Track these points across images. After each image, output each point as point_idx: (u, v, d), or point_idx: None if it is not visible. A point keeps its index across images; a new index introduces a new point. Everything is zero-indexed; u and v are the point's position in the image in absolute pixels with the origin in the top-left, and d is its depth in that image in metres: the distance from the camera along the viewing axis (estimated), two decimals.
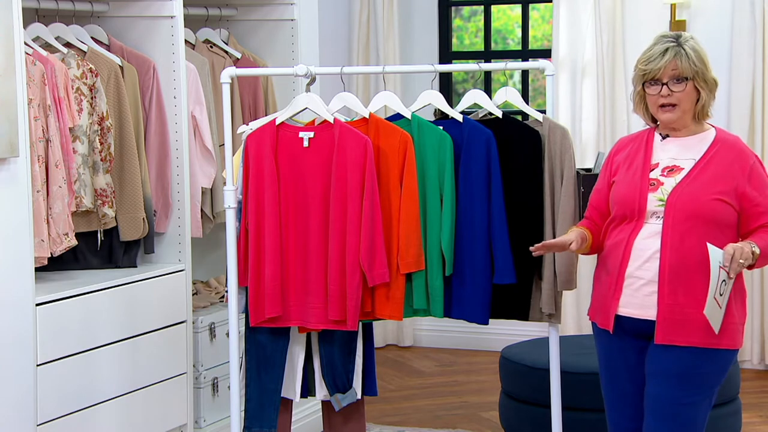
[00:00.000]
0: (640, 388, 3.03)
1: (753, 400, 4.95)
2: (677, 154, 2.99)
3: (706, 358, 2.92)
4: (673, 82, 2.93)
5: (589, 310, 3.14)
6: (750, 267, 2.91)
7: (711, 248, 2.85)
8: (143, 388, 3.82)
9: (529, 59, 5.67)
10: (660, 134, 3.04)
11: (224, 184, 3.55)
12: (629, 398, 3.05)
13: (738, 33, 5.41)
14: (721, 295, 2.86)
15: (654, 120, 3.04)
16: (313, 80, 3.51)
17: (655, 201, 2.94)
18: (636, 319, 2.97)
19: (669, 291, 2.90)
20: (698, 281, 2.88)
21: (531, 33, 6.06)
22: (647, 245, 2.94)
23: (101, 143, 3.76)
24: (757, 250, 2.88)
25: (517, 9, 6.09)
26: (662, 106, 2.95)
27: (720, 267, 2.84)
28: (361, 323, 3.53)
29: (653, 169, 2.98)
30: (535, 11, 6.15)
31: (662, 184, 2.95)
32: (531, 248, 3.06)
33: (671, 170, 2.97)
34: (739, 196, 2.92)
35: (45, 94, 3.56)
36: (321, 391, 3.60)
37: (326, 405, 3.68)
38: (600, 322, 3.05)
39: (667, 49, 2.93)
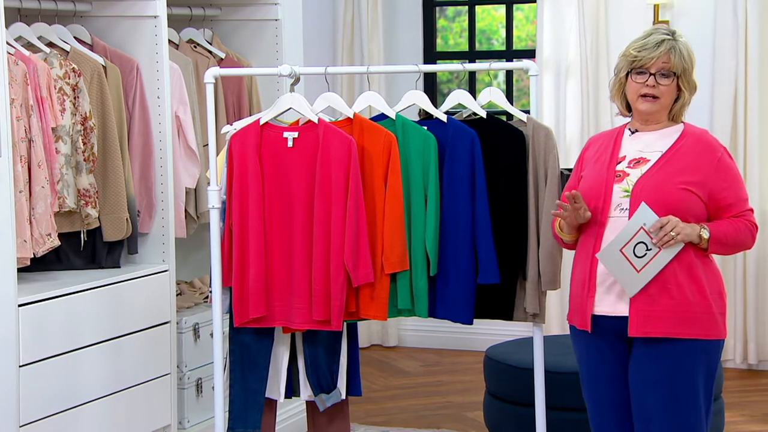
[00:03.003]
0: (622, 391, 3.01)
1: (736, 399, 4.97)
2: (644, 147, 2.99)
3: (688, 353, 2.90)
4: (661, 75, 2.93)
5: (568, 314, 3.12)
6: (706, 251, 2.91)
7: (643, 206, 2.85)
8: (127, 389, 3.81)
9: (513, 59, 5.68)
10: (629, 129, 3.04)
11: (208, 184, 3.54)
12: (614, 401, 3.02)
13: (721, 33, 5.43)
14: (637, 256, 2.85)
15: (629, 109, 3.04)
16: (297, 80, 3.51)
17: (620, 192, 2.94)
18: (611, 317, 2.95)
19: None
20: (669, 270, 2.88)
21: (515, 33, 6.07)
22: None
23: (84, 143, 3.75)
24: (706, 234, 2.89)
25: (502, 9, 6.11)
26: (644, 95, 2.95)
27: (642, 227, 2.84)
28: (345, 323, 3.53)
29: (620, 162, 2.99)
30: (519, 12, 6.16)
31: (628, 175, 2.95)
32: (558, 202, 2.98)
33: (638, 162, 2.97)
34: (707, 188, 2.92)
35: (27, 94, 3.54)
36: (305, 391, 3.59)
37: (311, 405, 3.68)
38: (578, 324, 3.03)
39: (662, 41, 2.94)
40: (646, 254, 2.86)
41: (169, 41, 4.10)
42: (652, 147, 2.98)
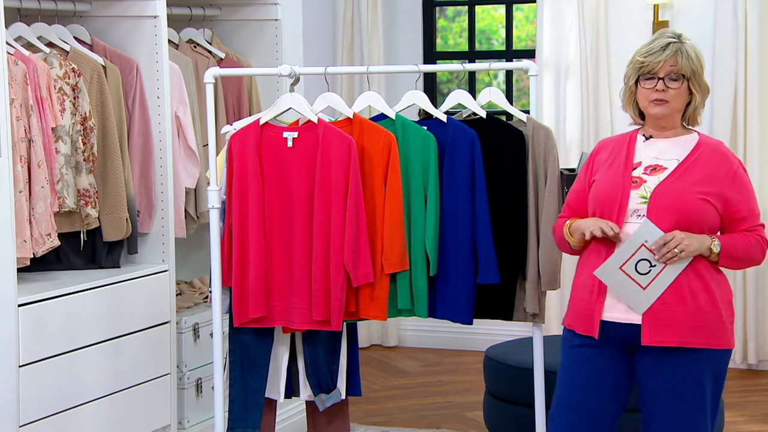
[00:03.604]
0: (616, 399, 2.96)
1: (735, 400, 4.97)
2: (660, 154, 2.96)
3: (699, 363, 2.88)
4: (670, 79, 2.91)
5: (565, 318, 3.05)
6: (716, 264, 2.90)
7: (646, 222, 2.83)
8: (127, 389, 3.81)
9: (513, 59, 5.69)
10: (644, 135, 3.02)
11: (208, 184, 3.54)
12: (601, 408, 2.95)
13: (720, 33, 5.43)
14: (641, 273, 2.81)
15: (642, 117, 3.02)
16: (297, 80, 3.51)
17: (637, 198, 2.91)
18: (622, 323, 2.90)
19: None
20: (683, 279, 2.87)
21: (515, 33, 6.07)
22: None
23: (84, 143, 3.75)
24: (717, 248, 2.87)
25: (501, 9, 6.11)
26: (654, 99, 2.92)
27: (643, 244, 2.81)
28: (345, 323, 3.53)
29: (635, 168, 2.95)
30: (519, 12, 6.16)
31: (645, 182, 2.92)
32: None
33: (654, 169, 2.94)
34: (722, 201, 2.90)
35: (27, 94, 3.54)
36: (305, 391, 3.59)
37: (310, 405, 3.68)
38: (581, 329, 2.96)
39: (668, 44, 2.91)
40: (650, 271, 2.83)
41: (169, 41, 4.10)
42: (667, 154, 2.95)
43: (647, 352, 2.92)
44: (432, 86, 6.18)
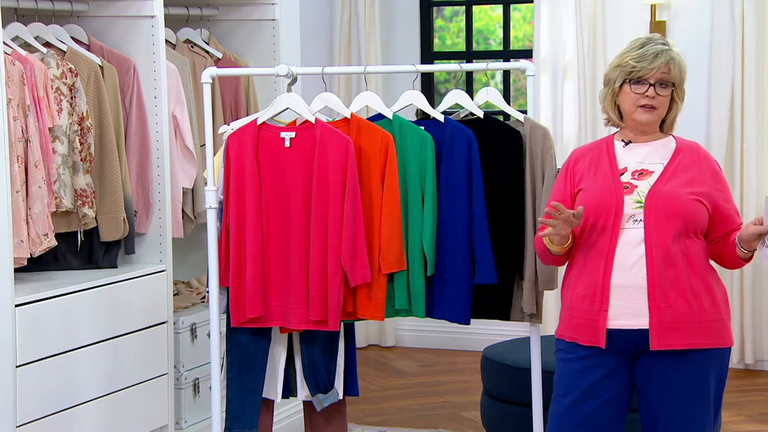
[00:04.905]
0: (621, 411, 2.94)
1: (733, 399, 4.98)
2: (643, 159, 2.96)
3: (704, 362, 2.88)
4: (660, 86, 2.91)
5: (559, 330, 3.00)
6: (748, 260, 2.92)
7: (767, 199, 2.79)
8: (124, 389, 3.81)
9: (511, 59, 5.66)
10: (622, 141, 3.01)
11: (205, 184, 3.54)
12: (609, 422, 2.92)
13: (717, 33, 5.44)
14: None
15: (621, 119, 2.99)
16: (294, 80, 3.51)
17: (632, 203, 2.90)
18: (628, 330, 2.88)
19: (660, 294, 2.85)
20: (685, 280, 2.87)
21: (512, 33, 6.08)
22: (630, 251, 2.87)
23: (81, 143, 3.75)
24: None
25: (499, 9, 6.11)
26: (643, 106, 2.93)
27: None
28: (342, 323, 3.53)
29: (623, 174, 2.95)
30: (517, 12, 6.16)
31: (636, 186, 2.92)
32: (541, 220, 2.89)
33: (641, 174, 2.94)
34: (711, 200, 2.92)
35: (24, 94, 3.54)
36: (302, 391, 3.59)
37: (308, 405, 3.68)
38: (586, 340, 2.92)
39: (661, 51, 2.92)
40: None
41: (166, 41, 4.10)
42: (651, 159, 2.96)
43: (653, 357, 2.90)
44: (429, 86, 6.18)
